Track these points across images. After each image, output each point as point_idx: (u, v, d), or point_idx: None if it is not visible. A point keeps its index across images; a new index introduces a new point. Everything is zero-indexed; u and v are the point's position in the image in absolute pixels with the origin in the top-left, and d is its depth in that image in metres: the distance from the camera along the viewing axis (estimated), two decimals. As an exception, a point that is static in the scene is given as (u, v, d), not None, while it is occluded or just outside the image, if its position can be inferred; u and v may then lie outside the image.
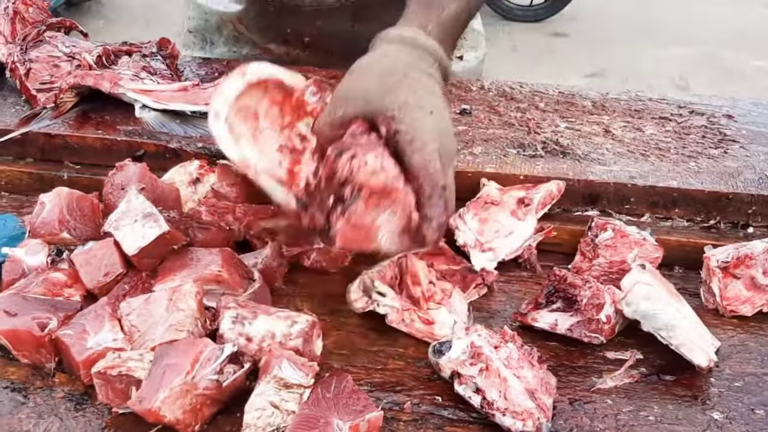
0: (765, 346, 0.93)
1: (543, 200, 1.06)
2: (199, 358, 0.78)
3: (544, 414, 0.81)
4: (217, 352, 0.79)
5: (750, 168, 1.11)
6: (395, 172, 0.84)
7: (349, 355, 0.89)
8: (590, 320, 0.91)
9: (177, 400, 0.76)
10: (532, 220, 1.04)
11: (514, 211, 1.06)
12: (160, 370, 0.77)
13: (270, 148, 0.95)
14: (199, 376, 0.77)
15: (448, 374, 0.84)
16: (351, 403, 0.77)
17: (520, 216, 1.05)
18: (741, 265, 0.98)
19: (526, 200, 1.06)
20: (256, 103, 0.95)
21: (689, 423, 0.83)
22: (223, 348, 0.79)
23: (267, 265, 0.97)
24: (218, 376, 0.78)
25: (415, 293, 0.93)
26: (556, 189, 1.07)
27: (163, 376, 0.77)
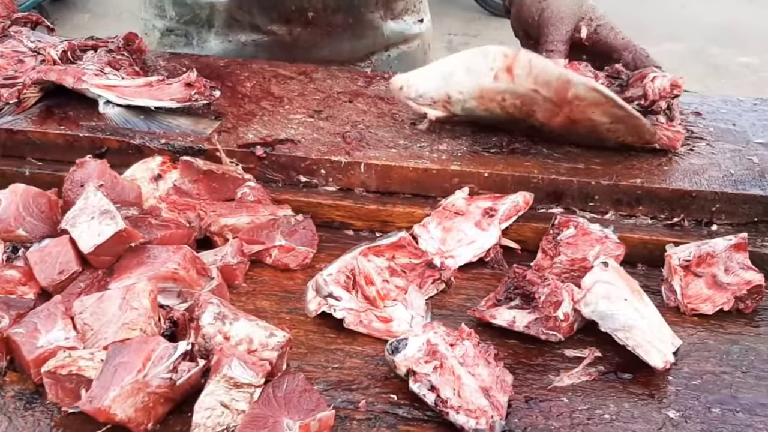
0: (724, 345, 0.93)
1: (508, 212, 1.06)
2: (151, 356, 0.77)
3: (498, 412, 0.80)
4: (170, 350, 0.78)
5: (715, 165, 1.11)
6: None
7: (306, 353, 0.89)
8: (548, 318, 0.90)
9: (128, 398, 0.75)
10: (495, 230, 1.04)
11: (478, 222, 1.05)
12: (111, 369, 0.77)
13: None
14: (151, 374, 0.77)
15: (404, 372, 0.83)
16: (302, 403, 0.77)
17: (484, 226, 1.05)
18: (703, 263, 0.98)
19: (491, 211, 1.06)
20: None
21: (644, 421, 0.83)
22: (176, 346, 0.79)
23: (227, 262, 0.97)
24: (172, 375, 0.78)
25: (370, 293, 0.93)
26: (523, 201, 1.07)
27: (114, 374, 0.76)
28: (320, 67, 1.38)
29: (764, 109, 1.27)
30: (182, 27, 1.52)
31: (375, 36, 1.56)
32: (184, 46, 1.52)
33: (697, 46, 5.50)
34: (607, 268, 0.93)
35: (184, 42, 1.52)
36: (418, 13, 1.65)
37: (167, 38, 1.53)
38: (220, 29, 1.49)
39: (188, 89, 1.17)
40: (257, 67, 1.37)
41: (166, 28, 1.53)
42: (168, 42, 1.54)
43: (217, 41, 1.50)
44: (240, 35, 1.49)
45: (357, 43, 1.54)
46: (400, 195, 1.11)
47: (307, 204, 1.09)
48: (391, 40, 1.59)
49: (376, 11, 1.54)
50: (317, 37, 1.49)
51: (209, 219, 1.00)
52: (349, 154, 1.12)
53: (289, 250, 1.01)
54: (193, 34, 1.51)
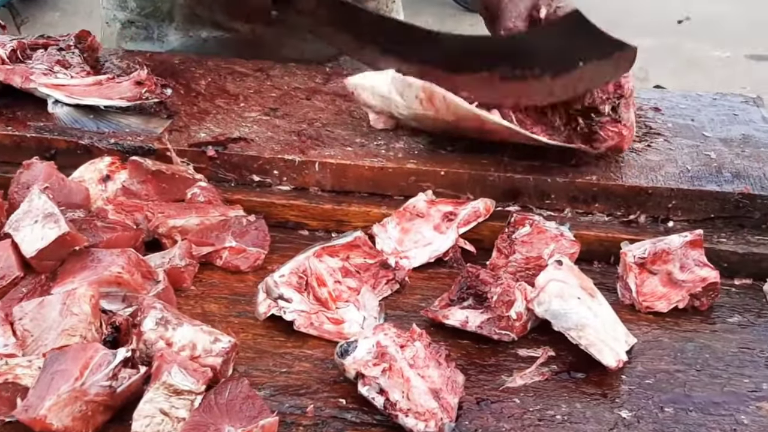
0: (679, 342, 0.92)
1: (468, 217, 1.04)
2: (89, 363, 0.75)
3: (447, 414, 0.79)
4: (109, 358, 0.76)
5: (672, 162, 1.10)
6: None
7: (254, 357, 0.87)
8: (500, 317, 0.89)
9: (65, 407, 0.73)
10: (452, 234, 1.03)
11: (437, 225, 1.04)
12: (48, 377, 0.75)
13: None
14: (89, 382, 0.75)
15: (353, 375, 0.82)
16: (245, 409, 0.75)
17: (443, 230, 1.04)
18: (658, 260, 0.97)
19: (451, 215, 1.04)
20: None
21: (596, 422, 0.82)
22: (116, 353, 0.77)
23: (174, 265, 0.95)
24: (111, 382, 0.76)
25: (322, 294, 0.91)
26: (484, 207, 1.05)
27: (51, 383, 0.74)
28: (278, 63, 1.36)
29: (723, 104, 1.27)
30: (143, 20, 1.48)
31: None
32: (144, 39, 1.49)
33: (670, 40, 5.52)
34: (561, 267, 0.92)
35: (145, 35, 1.49)
36: (390, 14, 1.62)
37: (128, 30, 1.50)
38: (181, 24, 1.46)
39: (139, 87, 1.14)
40: (213, 64, 1.35)
41: (126, 20, 1.50)
42: (128, 34, 1.50)
43: (177, 36, 1.47)
44: (201, 31, 1.46)
45: (322, 43, 1.51)
46: (356, 194, 1.09)
47: (261, 204, 1.07)
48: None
49: None
50: (282, 37, 1.46)
51: (157, 220, 0.98)
52: (303, 153, 1.10)
53: (240, 251, 0.99)
54: (153, 27, 1.48)
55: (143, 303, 0.83)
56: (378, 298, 0.95)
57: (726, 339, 0.93)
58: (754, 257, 1.01)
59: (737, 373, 0.88)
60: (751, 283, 1.01)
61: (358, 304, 0.92)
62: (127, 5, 1.49)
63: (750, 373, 0.88)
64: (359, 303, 0.92)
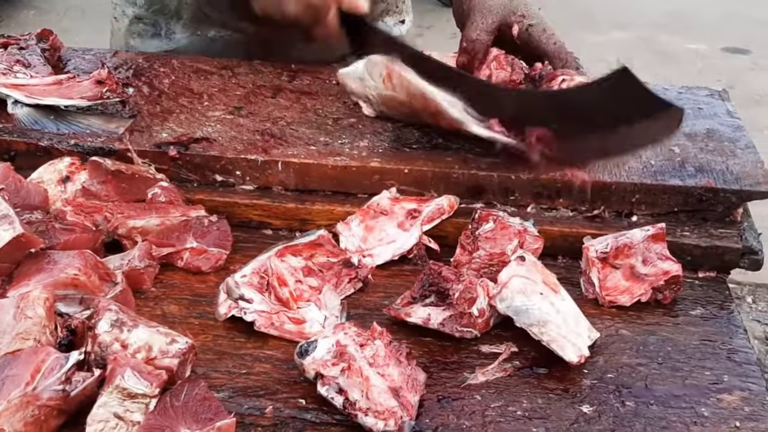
0: (641, 336, 0.92)
1: (431, 214, 1.04)
2: (41, 368, 0.74)
3: (407, 412, 0.79)
4: (61, 361, 0.75)
5: (636, 156, 1.10)
6: None
7: (214, 359, 0.86)
8: (462, 314, 0.89)
9: (17, 412, 0.72)
10: (416, 231, 1.02)
11: (401, 223, 1.04)
12: (-1, 383, 0.74)
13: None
14: (41, 386, 0.73)
15: (313, 375, 0.81)
16: (201, 411, 0.74)
17: (407, 227, 1.03)
18: (620, 254, 0.97)
19: (415, 213, 1.04)
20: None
21: (557, 418, 0.81)
22: (68, 356, 0.76)
23: (134, 266, 0.93)
24: (64, 386, 0.75)
25: (283, 294, 0.91)
26: (447, 204, 1.05)
27: (2, 388, 0.73)
28: (243, 61, 1.35)
29: (689, 98, 1.27)
30: (151, 16, 1.46)
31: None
32: (152, 36, 1.47)
33: (645, 33, 5.54)
34: (524, 263, 0.92)
35: (152, 32, 1.47)
36: (400, 14, 1.60)
37: (136, 26, 1.48)
38: (189, 22, 1.45)
39: (99, 87, 1.13)
40: (178, 62, 1.33)
41: (135, 15, 1.47)
42: (136, 30, 1.48)
43: (185, 34, 1.45)
44: (209, 30, 1.44)
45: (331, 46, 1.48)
46: (320, 193, 1.08)
47: (223, 204, 1.06)
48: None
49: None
50: (290, 38, 1.44)
51: (116, 221, 0.97)
52: (266, 153, 1.09)
53: (202, 252, 0.98)
54: (161, 24, 1.46)
55: (98, 305, 0.82)
56: (340, 297, 0.94)
57: (688, 332, 0.93)
58: (717, 250, 1.01)
59: (699, 366, 0.88)
60: (714, 276, 1.02)
61: (320, 303, 0.91)
62: (135, 0, 1.47)
63: (711, 366, 0.88)
64: (321, 302, 0.91)
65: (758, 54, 5.36)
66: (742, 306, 3.29)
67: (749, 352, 0.90)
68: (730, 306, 0.97)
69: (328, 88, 1.28)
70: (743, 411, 0.82)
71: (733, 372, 0.87)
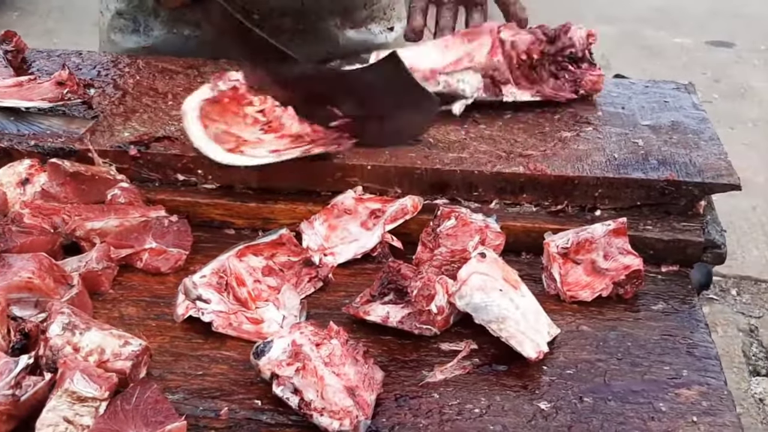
0: (601, 332, 0.92)
1: (394, 214, 1.03)
2: (-9, 372, 0.74)
3: (363, 412, 0.78)
4: (10, 365, 0.75)
5: (599, 150, 1.10)
6: None
7: (170, 361, 0.86)
8: (421, 312, 0.88)
9: (-34, 418, 0.72)
10: (378, 230, 1.02)
11: (365, 222, 1.03)
12: (-51, 388, 0.73)
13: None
14: (-9, 391, 0.73)
15: (268, 376, 0.81)
16: (151, 414, 0.73)
17: (369, 226, 1.03)
18: (581, 250, 0.97)
19: (378, 212, 1.04)
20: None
21: (515, 414, 0.81)
22: (18, 360, 0.75)
23: (91, 268, 0.93)
24: (14, 391, 0.74)
25: (241, 294, 0.90)
26: (411, 205, 1.04)
27: (-49, 393, 0.72)
28: (210, 60, 1.34)
29: (655, 92, 1.27)
30: (131, 11, 1.46)
31: (330, 44, 1.48)
32: (132, 32, 1.47)
33: (631, 28, 5.54)
34: (485, 259, 0.92)
35: (132, 28, 1.47)
36: (389, 21, 1.57)
37: (117, 21, 1.48)
38: (166, 20, 1.44)
39: (60, 88, 1.12)
40: (143, 62, 1.32)
41: (117, 10, 1.48)
42: (117, 25, 1.48)
43: (162, 31, 1.45)
44: (184, 29, 1.44)
45: (309, 49, 1.45)
46: (283, 191, 1.08)
47: (185, 203, 1.06)
48: (349, 49, 1.50)
49: (331, 19, 1.48)
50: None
51: (74, 223, 0.96)
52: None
53: (161, 252, 0.97)
54: (140, 20, 1.46)
55: (51, 308, 0.81)
56: (300, 297, 0.94)
57: (649, 327, 0.93)
58: (680, 244, 1.01)
59: (658, 361, 0.88)
60: (677, 270, 1.02)
61: (278, 303, 0.91)
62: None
63: (671, 360, 0.88)
64: (279, 302, 0.91)
65: (743, 47, 5.37)
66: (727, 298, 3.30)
67: (709, 346, 0.90)
68: (692, 300, 0.97)
69: (293, 86, 1.27)
70: (701, 406, 0.82)
71: (693, 367, 0.87)
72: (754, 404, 2.78)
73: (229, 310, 0.89)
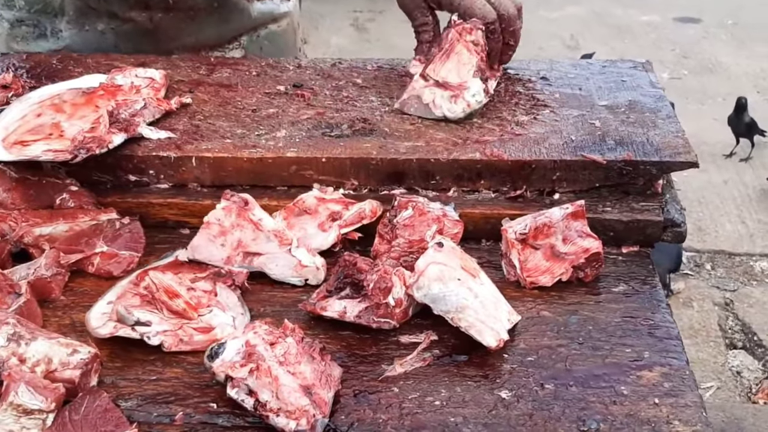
0: (562, 316, 0.91)
1: (352, 218, 1.02)
2: (-67, 388, 0.71)
3: (320, 410, 0.77)
4: (-45, 381, 0.73)
5: (557, 133, 1.09)
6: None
7: (123, 366, 0.84)
8: (378, 305, 0.87)
9: None
10: (334, 233, 1.00)
11: (322, 224, 1.02)
12: None
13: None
14: (-67, 408, 0.71)
15: (223, 378, 0.79)
16: (101, 424, 0.72)
17: (326, 228, 1.01)
18: (540, 234, 0.96)
19: (336, 215, 1.02)
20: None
21: (476, 404, 0.80)
22: (-38, 375, 0.73)
23: (40, 275, 0.90)
24: (-41, 406, 0.72)
25: (178, 306, 0.87)
26: (370, 209, 1.02)
27: None
28: (161, 57, 1.32)
29: (612, 71, 1.26)
30: (33, 17, 1.42)
31: (242, 18, 1.49)
32: (38, 37, 1.42)
33: (599, 8, 5.55)
34: (442, 249, 0.90)
35: (37, 33, 1.42)
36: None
37: (18, 29, 1.43)
38: (74, 18, 1.40)
39: (5, 92, 1.09)
40: (92, 61, 1.29)
41: (15, 18, 1.43)
42: (19, 34, 1.43)
43: (73, 31, 1.41)
44: (97, 23, 1.40)
45: (224, 26, 1.48)
46: (237, 187, 1.06)
47: (137, 205, 1.04)
48: (259, 21, 1.52)
49: None
50: (180, 23, 1.42)
51: (21, 230, 0.94)
52: (179, 149, 1.06)
53: (112, 256, 0.95)
54: (45, 24, 1.42)
55: (-4, 319, 0.79)
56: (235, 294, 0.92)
57: (610, 309, 0.92)
58: (639, 224, 1.00)
59: (619, 344, 0.87)
60: (637, 251, 1.01)
61: (221, 305, 0.89)
62: (14, 3, 1.43)
63: (632, 343, 0.87)
64: (221, 304, 0.89)
65: (710, 23, 5.40)
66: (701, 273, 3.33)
67: (671, 326, 0.89)
68: (653, 281, 0.96)
69: (247, 80, 1.25)
70: (663, 387, 0.82)
71: (654, 348, 0.86)
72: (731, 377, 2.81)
73: (174, 327, 0.86)
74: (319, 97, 1.20)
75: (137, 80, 1.11)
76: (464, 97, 1.10)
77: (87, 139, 0.99)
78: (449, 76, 1.12)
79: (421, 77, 1.13)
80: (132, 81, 1.10)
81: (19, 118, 1.03)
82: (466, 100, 1.10)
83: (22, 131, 1.01)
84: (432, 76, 1.13)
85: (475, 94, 1.11)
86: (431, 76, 1.13)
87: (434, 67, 1.13)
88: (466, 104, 1.10)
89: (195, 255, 0.96)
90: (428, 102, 1.12)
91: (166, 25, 1.41)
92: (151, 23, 1.40)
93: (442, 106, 1.11)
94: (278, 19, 1.56)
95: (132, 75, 1.12)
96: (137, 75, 1.12)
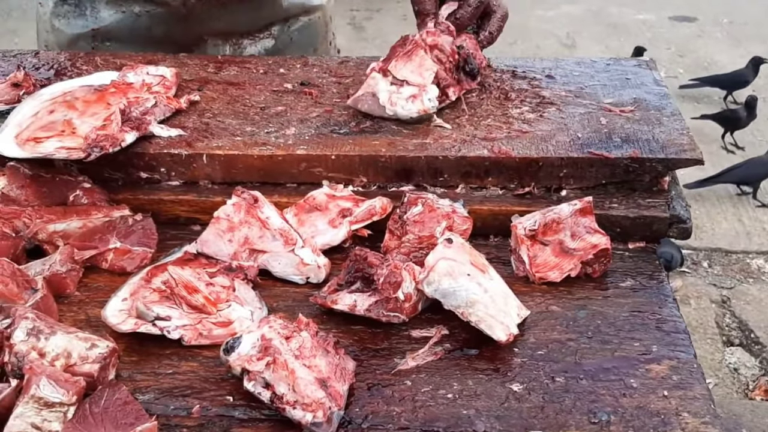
0: (571, 311, 0.92)
1: (362, 215, 1.03)
2: (-44, 381, 0.72)
3: (336, 403, 0.78)
4: (-25, 374, 0.73)
5: (563, 130, 1.10)
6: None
7: (140, 360, 0.85)
8: (388, 299, 0.88)
9: (-69, 430, 0.70)
10: (344, 229, 1.01)
11: (332, 220, 1.03)
12: None
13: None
14: (-44, 401, 0.72)
15: (239, 372, 0.80)
16: (121, 416, 0.73)
17: (337, 224, 1.02)
18: (549, 231, 0.98)
19: (347, 212, 1.03)
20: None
21: (487, 397, 0.81)
22: (-18, 369, 0.74)
23: (55, 271, 0.91)
24: (-19, 399, 0.73)
25: (197, 301, 0.88)
26: (380, 206, 1.04)
27: None
28: (169, 56, 1.32)
29: (617, 69, 1.27)
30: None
31: (273, 7, 1.51)
32: (78, 17, 1.45)
33: (595, 6, 5.57)
34: (451, 245, 0.91)
35: (77, 12, 1.45)
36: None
37: (60, 8, 1.46)
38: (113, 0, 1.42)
39: (16, 90, 1.10)
40: (101, 59, 1.30)
41: None
42: (61, 12, 1.46)
43: (110, 11, 1.43)
44: (133, 6, 1.42)
45: (255, 14, 1.49)
46: (248, 184, 1.07)
47: (149, 202, 1.05)
48: (291, 12, 1.54)
49: None
50: (212, 8, 1.43)
51: (36, 227, 0.95)
52: (190, 146, 1.07)
53: (126, 252, 0.96)
54: (86, 3, 1.44)
55: (15, 314, 0.80)
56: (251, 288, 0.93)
57: (618, 304, 0.93)
58: (646, 220, 1.02)
59: (628, 338, 0.88)
60: (644, 246, 1.02)
61: (239, 300, 0.90)
62: None
63: (640, 336, 0.89)
64: (240, 299, 0.90)
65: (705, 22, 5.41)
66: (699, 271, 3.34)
67: (678, 320, 0.91)
68: (659, 276, 0.97)
69: (255, 78, 1.26)
70: (672, 380, 0.83)
71: (662, 342, 0.88)
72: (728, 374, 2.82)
73: (193, 321, 0.87)
74: (327, 95, 1.21)
75: (148, 78, 1.12)
76: (422, 100, 1.11)
77: (100, 137, 1.00)
78: (410, 77, 1.13)
79: (381, 71, 1.14)
80: (143, 79, 1.11)
81: (31, 114, 1.04)
82: (423, 103, 1.11)
83: (34, 128, 1.02)
84: (393, 73, 1.13)
85: (431, 98, 1.11)
86: (392, 73, 1.13)
87: (396, 65, 1.14)
88: (423, 107, 1.11)
89: (203, 249, 0.97)
90: (384, 99, 1.12)
91: (198, 10, 1.42)
92: (185, 8, 1.41)
93: (398, 104, 1.11)
94: (310, 11, 1.57)
95: (143, 73, 1.13)
96: (148, 73, 1.13)
